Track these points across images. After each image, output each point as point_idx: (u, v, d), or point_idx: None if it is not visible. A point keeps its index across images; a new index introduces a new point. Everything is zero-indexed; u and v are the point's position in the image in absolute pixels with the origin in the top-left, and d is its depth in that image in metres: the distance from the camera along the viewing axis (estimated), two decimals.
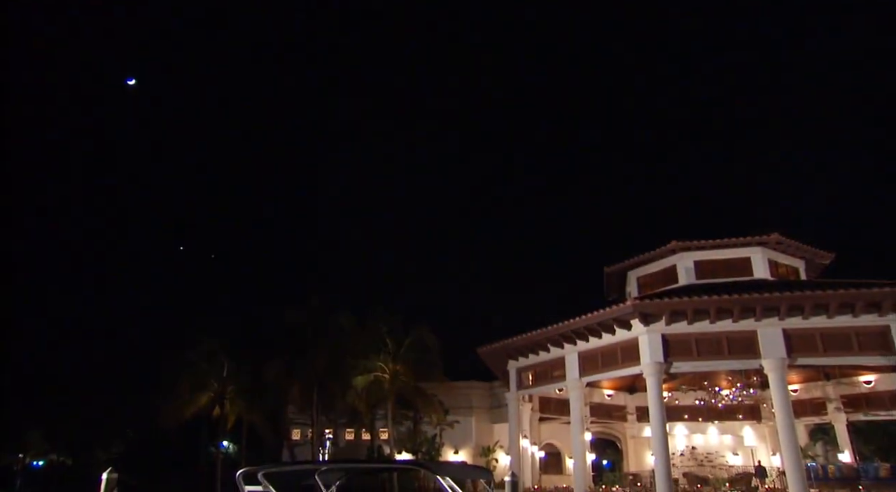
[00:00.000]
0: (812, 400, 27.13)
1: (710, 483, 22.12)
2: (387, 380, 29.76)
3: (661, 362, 18.40)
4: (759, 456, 27.07)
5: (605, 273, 25.41)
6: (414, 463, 6.20)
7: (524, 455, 24.56)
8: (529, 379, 23.62)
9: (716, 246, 22.39)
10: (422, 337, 30.60)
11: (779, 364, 17.52)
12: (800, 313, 17.55)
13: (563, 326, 20.38)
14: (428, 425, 34.23)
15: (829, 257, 23.49)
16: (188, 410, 28.90)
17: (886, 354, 17.19)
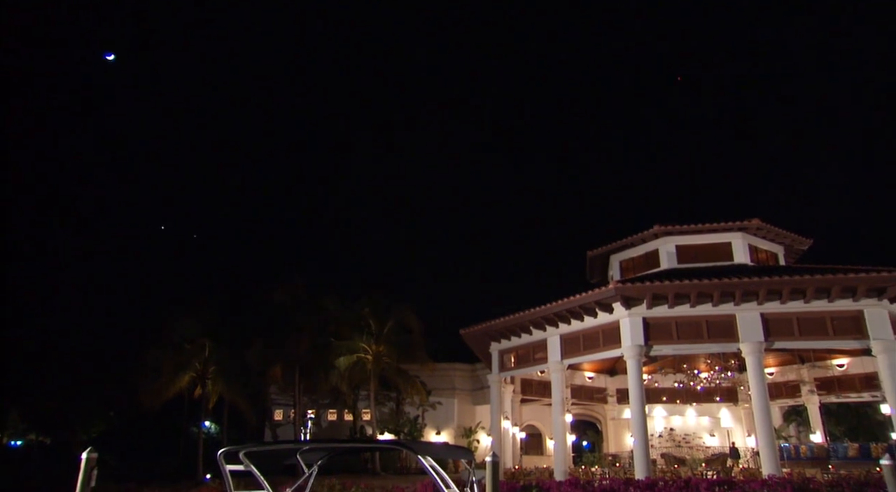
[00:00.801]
0: (787, 383, 27.69)
1: (686, 464, 22.54)
2: (369, 361, 29.84)
3: (642, 345, 18.62)
4: (735, 437, 27.64)
5: (588, 257, 25.56)
6: (396, 443, 6.21)
7: (505, 436, 24.82)
8: (511, 361, 23.79)
9: (697, 231, 22.58)
10: (405, 319, 30.70)
11: (756, 348, 17.81)
12: (778, 298, 17.82)
13: (545, 308, 20.50)
14: (410, 406, 34.45)
15: (807, 243, 23.82)
16: (169, 390, 28.73)
17: (859, 338, 17.55)
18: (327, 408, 38.00)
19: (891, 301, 17.62)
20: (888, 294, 17.31)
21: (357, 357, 29.62)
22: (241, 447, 5.73)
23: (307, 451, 6.20)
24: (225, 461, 5.70)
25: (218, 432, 37.36)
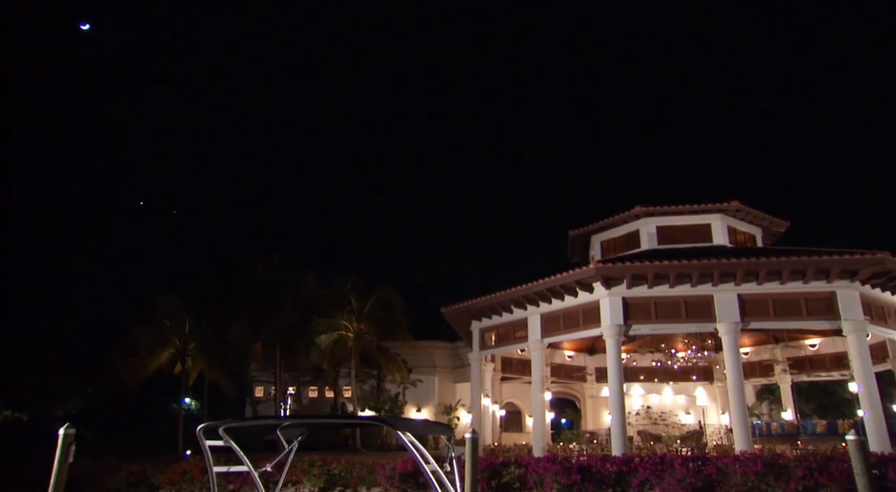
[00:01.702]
0: (761, 362, 28.30)
1: (662, 440, 23.02)
2: (351, 338, 29.89)
3: (621, 325, 18.85)
4: (710, 415, 28.24)
5: (570, 237, 25.70)
6: (376, 419, 6.24)
7: (485, 414, 25.09)
8: (492, 340, 23.97)
9: (678, 212, 22.79)
10: (386, 296, 30.73)
11: (733, 328, 18.12)
12: (755, 279, 18.09)
13: (526, 287, 20.62)
14: (391, 383, 34.65)
15: (784, 225, 24.17)
16: (149, 367, 28.58)
17: (831, 319, 17.94)
18: (308, 385, 38.09)
19: (862, 283, 18.00)
20: (860, 276, 17.67)
21: (338, 335, 29.64)
22: (220, 423, 5.72)
23: (287, 427, 6.21)
24: (204, 437, 5.69)
25: (198, 408, 37.29)
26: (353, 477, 14.26)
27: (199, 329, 29.07)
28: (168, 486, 15.03)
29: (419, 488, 13.03)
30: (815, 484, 10.67)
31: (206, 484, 14.13)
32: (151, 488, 15.09)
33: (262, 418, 8.57)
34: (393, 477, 13.60)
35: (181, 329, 29.01)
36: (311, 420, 7.50)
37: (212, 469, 5.79)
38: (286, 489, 14.10)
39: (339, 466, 14.54)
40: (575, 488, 12.05)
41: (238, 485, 14.16)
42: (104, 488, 14.97)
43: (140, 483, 15.24)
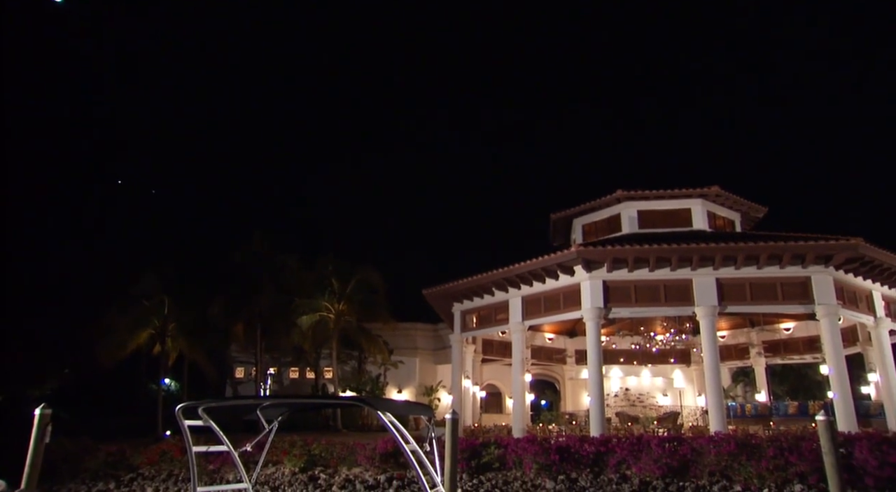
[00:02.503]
0: (737, 345, 28.81)
1: (640, 422, 23.37)
2: (332, 320, 29.86)
3: (601, 308, 19.02)
4: (687, 397, 28.74)
5: (552, 220, 25.78)
6: (357, 399, 6.28)
7: (466, 395, 25.28)
8: (473, 322, 24.07)
9: (659, 197, 22.94)
10: (367, 278, 30.69)
11: (710, 311, 18.38)
12: (733, 264, 18.32)
13: (508, 270, 20.68)
14: (372, 364, 34.75)
15: (762, 211, 24.46)
16: (127, 347, 28.33)
17: (805, 303, 18.27)
18: (289, 366, 38.06)
19: (836, 268, 18.33)
20: (834, 262, 17.99)
21: (319, 316, 29.59)
22: (199, 403, 5.71)
23: (267, 407, 6.21)
24: (184, 417, 5.67)
25: (178, 389, 37.11)
26: (333, 457, 14.35)
27: (180, 310, 28.82)
28: (147, 466, 15.01)
29: (400, 467, 13.15)
30: (785, 463, 10.95)
31: (185, 464, 14.13)
32: (130, 468, 15.06)
33: (241, 398, 8.56)
34: (373, 457, 13.71)
35: (160, 309, 28.75)
36: (291, 400, 7.51)
37: (191, 449, 5.78)
38: (267, 469, 14.15)
39: (320, 446, 14.61)
40: (553, 468, 12.24)
41: (218, 465, 14.18)
42: (82, 468, 14.92)
43: (119, 464, 15.20)
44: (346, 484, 13.04)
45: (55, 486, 13.78)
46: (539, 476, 12.17)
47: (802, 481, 10.73)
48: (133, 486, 14.18)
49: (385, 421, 5.07)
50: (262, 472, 13.94)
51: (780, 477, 10.90)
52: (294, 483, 13.38)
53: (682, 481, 11.32)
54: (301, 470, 13.86)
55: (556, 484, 11.77)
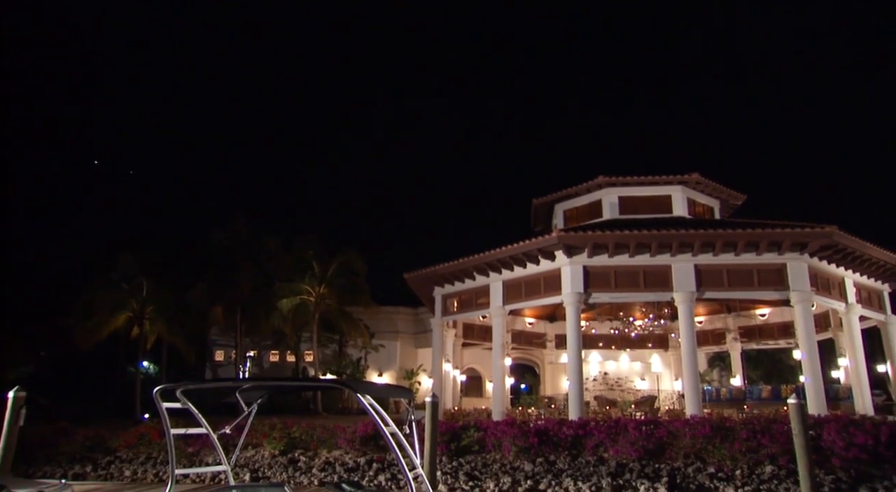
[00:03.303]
0: (714, 331, 29.27)
1: (618, 405, 23.70)
2: (312, 303, 29.78)
3: (582, 293, 19.17)
4: (664, 381, 29.19)
5: (533, 205, 25.84)
6: (336, 382, 6.27)
7: (446, 379, 25.42)
8: (454, 306, 24.14)
9: (640, 183, 23.09)
10: (349, 262, 30.61)
11: (688, 297, 18.62)
12: (711, 250, 18.55)
13: (489, 254, 20.73)
14: (353, 348, 34.80)
15: (741, 199, 24.74)
16: (104, 329, 28.01)
17: (780, 290, 18.59)
18: (270, 349, 37.97)
19: (811, 255, 18.65)
20: (809, 249, 18.30)
21: (300, 299, 29.48)
22: (178, 385, 5.66)
23: (247, 389, 6.17)
24: (161, 399, 5.62)
25: (156, 372, 36.84)
26: (313, 440, 14.37)
27: (158, 292, 28.52)
28: (125, 449, 14.90)
29: (380, 450, 13.22)
30: (757, 445, 11.20)
31: (164, 447, 14.07)
32: (108, 451, 14.94)
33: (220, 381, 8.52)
34: (353, 440, 13.75)
35: (139, 292, 28.43)
36: (270, 382, 7.48)
37: (169, 432, 5.74)
38: (247, 452, 14.13)
39: (300, 429, 14.60)
40: (532, 451, 12.38)
41: (198, 448, 14.13)
42: (59, 452, 14.77)
43: (96, 447, 15.06)
44: (326, 466, 13.08)
45: (31, 469, 13.63)
46: (518, 459, 12.31)
47: (773, 462, 10.99)
48: (111, 469, 14.08)
49: (365, 404, 5.07)
50: (242, 454, 13.92)
51: (752, 458, 11.15)
52: (274, 466, 13.39)
53: (657, 463, 11.53)
54: (281, 453, 13.87)
55: (535, 466, 11.92)
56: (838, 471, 10.57)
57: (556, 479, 11.37)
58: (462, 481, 11.70)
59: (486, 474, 11.89)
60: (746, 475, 10.82)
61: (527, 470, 11.82)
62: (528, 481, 11.41)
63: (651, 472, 11.25)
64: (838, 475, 10.48)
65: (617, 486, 10.94)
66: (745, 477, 10.77)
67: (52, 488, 7.78)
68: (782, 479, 10.57)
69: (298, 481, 12.68)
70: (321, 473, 12.83)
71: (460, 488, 11.57)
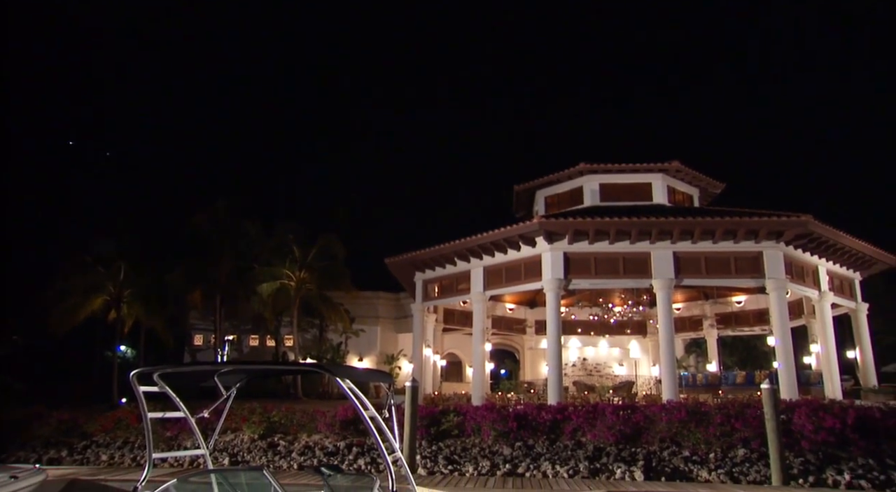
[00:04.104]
0: (691, 318, 29.70)
1: (596, 390, 24.00)
2: (293, 288, 29.64)
3: (562, 279, 19.30)
4: (642, 367, 29.60)
5: (515, 191, 25.88)
6: (315, 366, 6.25)
7: (427, 364, 25.52)
8: (435, 291, 24.19)
9: (621, 170, 23.22)
10: (329, 246, 30.48)
11: (667, 284, 18.85)
12: (690, 238, 18.76)
13: (470, 240, 20.76)
14: (334, 332, 34.75)
15: (720, 187, 25.02)
16: (80, 313, 27.62)
17: (756, 277, 18.90)
18: (249, 334, 37.78)
19: (786, 244, 18.96)
20: (785, 237, 18.59)
21: (280, 283, 29.33)
22: (155, 369, 5.60)
23: (225, 373, 6.13)
24: (138, 383, 5.56)
25: (134, 356, 36.49)
26: (293, 424, 14.37)
27: (136, 276, 28.17)
28: (102, 434, 14.77)
29: (359, 434, 13.26)
30: (731, 429, 11.44)
31: (141, 431, 13.97)
32: (84, 435, 14.80)
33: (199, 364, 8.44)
34: (333, 424, 13.78)
35: (116, 275, 28.04)
36: (249, 366, 7.44)
37: (146, 415, 5.69)
38: (226, 437, 14.09)
39: (280, 413, 14.59)
40: (511, 435, 12.51)
41: (176, 432, 14.06)
42: (33, 436, 14.60)
43: (72, 431, 14.92)
44: (306, 451, 13.09)
45: (3, 454, 13.48)
46: (497, 443, 12.44)
47: (746, 445, 11.23)
48: (87, 453, 13.95)
49: (344, 388, 5.07)
50: (221, 439, 13.88)
51: (726, 442, 11.39)
52: (253, 450, 13.37)
53: (634, 447, 11.72)
54: (260, 437, 13.85)
55: (514, 450, 12.05)
56: (807, 453, 10.84)
57: (535, 463, 11.51)
58: (441, 465, 11.79)
59: (466, 457, 11.99)
60: (720, 458, 11.05)
61: (505, 454, 11.94)
62: (506, 464, 11.53)
63: (627, 455, 11.43)
64: (807, 458, 10.75)
65: (594, 469, 11.10)
66: (718, 460, 11.00)
67: (25, 473, 7.70)
68: (754, 462, 10.82)
69: (278, 466, 12.69)
70: (301, 457, 12.85)
71: (439, 471, 11.66)
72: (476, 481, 10.81)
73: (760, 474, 10.46)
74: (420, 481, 10.23)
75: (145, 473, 5.36)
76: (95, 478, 11.34)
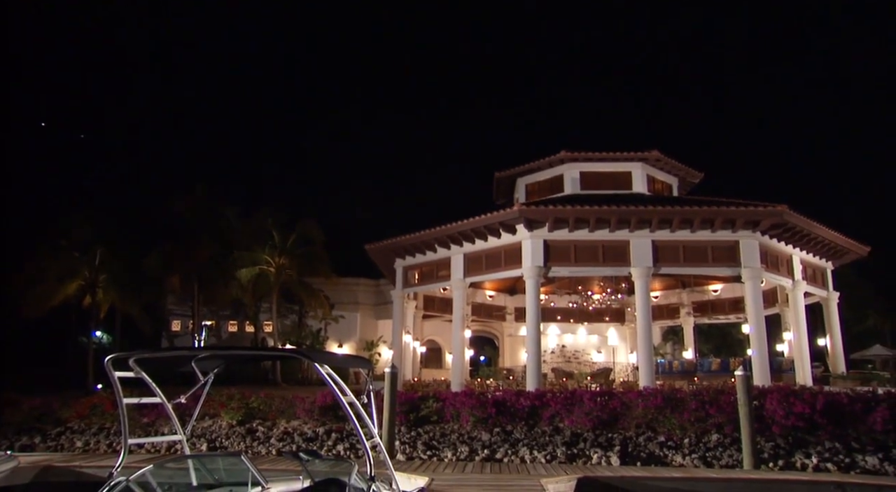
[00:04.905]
0: (668, 305, 30.09)
1: (574, 377, 24.26)
2: (272, 273, 29.43)
3: (541, 267, 19.40)
4: (620, 354, 29.96)
5: (496, 178, 25.89)
6: (293, 351, 6.22)
7: (406, 350, 25.56)
8: (415, 278, 24.18)
9: (601, 159, 23.34)
10: (309, 232, 30.28)
11: (645, 272, 19.05)
12: (668, 227, 18.96)
13: (450, 227, 20.76)
14: (313, 319, 34.63)
15: (699, 177, 25.28)
16: (54, 298, 27.16)
17: (732, 266, 19.19)
18: (228, 319, 37.49)
19: (762, 233, 19.25)
20: (760, 227, 18.88)
21: (259, 269, 29.10)
22: (131, 354, 5.53)
23: (203, 358, 6.08)
24: (113, 368, 5.49)
25: (110, 342, 36.03)
26: (272, 410, 14.31)
27: (112, 260, 27.71)
28: (77, 420, 14.58)
29: (338, 420, 13.26)
30: (705, 415, 11.64)
31: (117, 417, 13.80)
32: (58, 422, 14.59)
33: (176, 349, 8.35)
34: (312, 410, 13.76)
35: (91, 260, 27.57)
36: (227, 352, 7.37)
37: (122, 401, 5.63)
38: (204, 422, 14.00)
39: (259, 399, 14.52)
40: (490, 421, 12.60)
41: (153, 419, 13.93)
42: (4, 423, 14.34)
43: (45, 417, 14.69)
44: (285, 436, 13.07)
45: None
46: (476, 428, 12.53)
47: (719, 430, 11.46)
48: (61, 440, 13.76)
49: (322, 373, 5.06)
50: (199, 425, 13.79)
51: (700, 428, 11.60)
52: (232, 436, 13.31)
53: (610, 433, 11.89)
54: (239, 423, 13.79)
55: (492, 436, 12.15)
56: (778, 438, 11.09)
57: (513, 448, 11.62)
58: (420, 451, 11.85)
59: (444, 443, 12.07)
60: (694, 444, 11.26)
61: (484, 440, 12.04)
62: (485, 450, 11.63)
63: (604, 441, 11.59)
64: (777, 442, 11.00)
65: (571, 455, 11.24)
66: (692, 445, 11.21)
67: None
68: (727, 446, 11.04)
69: (256, 451, 12.65)
70: (279, 443, 12.82)
71: (418, 457, 11.72)
72: (455, 466, 10.88)
73: (733, 459, 10.68)
74: (399, 466, 10.26)
75: (121, 458, 5.31)
76: (69, 464, 11.20)
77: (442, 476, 9.79)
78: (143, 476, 5.24)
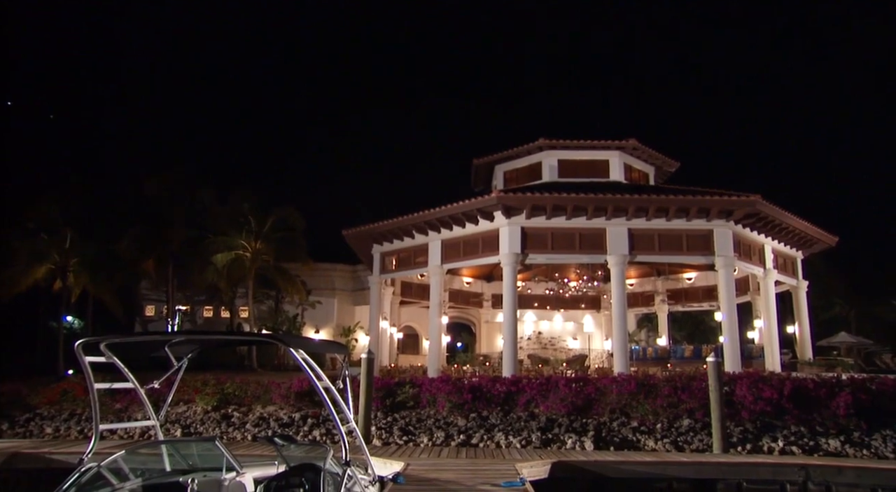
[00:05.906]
0: (643, 293, 30.47)
1: (550, 363, 24.48)
2: (248, 258, 29.11)
3: (519, 254, 19.49)
4: (595, 341, 30.31)
5: (474, 165, 25.86)
6: (268, 337, 6.19)
7: (383, 336, 25.56)
8: (393, 264, 24.13)
9: (579, 147, 23.44)
10: (286, 217, 29.97)
11: (621, 260, 19.24)
12: (644, 215, 19.14)
13: (428, 213, 20.73)
14: (290, 304, 34.42)
15: (675, 166, 25.54)
16: (22, 282, 26.50)
17: (707, 255, 19.48)
18: (203, 305, 37.09)
19: (735, 222, 19.56)
20: (734, 216, 19.17)
21: (235, 254, 28.75)
22: (102, 338, 5.44)
23: (177, 343, 6.02)
24: (84, 353, 5.41)
25: (82, 327, 35.38)
26: (247, 396, 14.26)
27: (83, 243, 27.11)
28: (47, 406, 14.37)
29: (315, 405, 13.26)
30: (677, 400, 11.88)
31: (89, 403, 13.63)
32: (28, 408, 14.36)
33: (148, 334, 8.27)
34: (288, 395, 13.73)
35: (61, 243, 26.96)
36: (201, 337, 7.31)
37: (92, 386, 5.56)
38: (178, 408, 13.90)
39: (234, 384, 14.45)
40: (466, 407, 12.70)
41: (125, 404, 13.80)
42: None
43: (13, 403, 14.44)
44: (261, 422, 13.04)
45: None
46: (452, 414, 12.62)
47: (691, 415, 11.71)
48: (30, 426, 13.56)
49: (298, 358, 5.04)
50: (173, 411, 13.68)
51: (672, 413, 11.84)
52: (206, 421, 13.24)
53: (585, 419, 12.07)
54: (214, 408, 13.71)
55: (468, 421, 12.26)
56: (746, 423, 11.37)
57: (489, 433, 11.74)
58: (396, 436, 11.91)
59: (421, 428, 12.14)
60: (666, 428, 11.49)
61: (460, 425, 12.14)
62: (461, 435, 11.73)
63: (579, 426, 11.77)
64: (746, 427, 11.28)
65: (546, 440, 11.39)
66: (664, 430, 11.43)
67: None
68: (697, 431, 11.29)
69: (231, 437, 12.61)
70: (255, 428, 12.79)
71: (394, 442, 11.79)
72: (430, 451, 10.97)
73: (703, 443, 10.93)
74: (374, 451, 10.30)
75: (91, 444, 5.25)
76: (38, 451, 11.06)
77: (418, 461, 9.86)
78: (115, 462, 5.19)
